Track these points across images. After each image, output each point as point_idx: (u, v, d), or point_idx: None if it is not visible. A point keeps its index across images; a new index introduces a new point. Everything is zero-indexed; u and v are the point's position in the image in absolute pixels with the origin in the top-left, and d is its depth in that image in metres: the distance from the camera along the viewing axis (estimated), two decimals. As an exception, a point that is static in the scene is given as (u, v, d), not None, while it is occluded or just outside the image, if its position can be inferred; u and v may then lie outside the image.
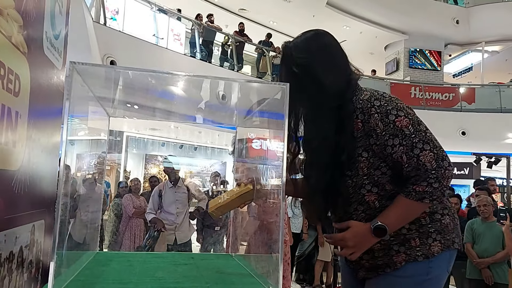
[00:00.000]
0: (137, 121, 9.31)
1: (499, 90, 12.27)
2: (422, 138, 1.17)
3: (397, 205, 1.20)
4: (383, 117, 1.19)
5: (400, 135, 1.18)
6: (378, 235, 1.20)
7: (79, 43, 5.31)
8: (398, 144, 1.18)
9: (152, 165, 12.61)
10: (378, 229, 1.19)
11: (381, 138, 1.20)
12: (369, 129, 1.21)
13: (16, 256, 1.16)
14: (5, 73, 1.00)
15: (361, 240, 1.22)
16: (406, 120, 1.19)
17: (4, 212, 1.04)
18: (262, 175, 1.49)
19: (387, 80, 13.52)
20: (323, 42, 1.33)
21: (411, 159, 1.16)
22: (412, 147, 1.17)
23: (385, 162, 1.23)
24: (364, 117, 1.21)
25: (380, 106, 1.20)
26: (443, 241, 1.25)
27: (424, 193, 1.16)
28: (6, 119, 1.02)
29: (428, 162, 1.15)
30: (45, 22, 1.30)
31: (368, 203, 1.25)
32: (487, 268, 3.94)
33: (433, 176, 1.15)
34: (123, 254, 1.88)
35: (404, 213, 1.20)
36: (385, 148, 1.20)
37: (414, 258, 1.22)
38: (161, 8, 9.32)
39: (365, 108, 1.21)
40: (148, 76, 1.28)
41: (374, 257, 1.26)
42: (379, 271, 1.27)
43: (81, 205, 1.44)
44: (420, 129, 1.19)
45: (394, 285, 1.25)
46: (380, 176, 1.24)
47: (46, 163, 1.38)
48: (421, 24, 13.77)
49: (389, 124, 1.19)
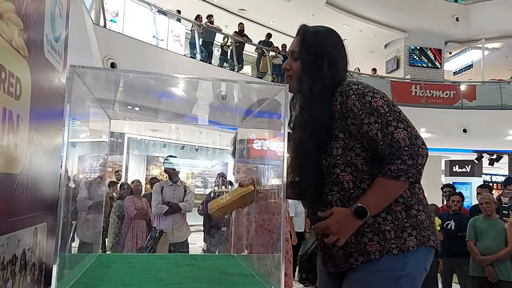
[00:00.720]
0: (138, 123, 9.32)
1: (499, 87, 12.24)
2: (396, 117, 1.24)
3: (375, 185, 1.24)
4: (360, 98, 1.27)
5: (375, 114, 1.24)
6: (359, 217, 1.22)
7: (79, 46, 5.32)
8: (374, 121, 1.24)
9: (153, 166, 12.62)
10: (359, 210, 1.21)
11: (358, 117, 1.26)
12: (347, 109, 1.27)
13: (19, 259, 1.16)
14: (6, 76, 1.00)
15: (344, 224, 1.24)
16: (381, 101, 1.26)
17: (6, 215, 1.04)
18: (263, 175, 1.50)
19: (387, 79, 13.50)
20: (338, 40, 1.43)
21: (386, 136, 1.22)
22: (387, 125, 1.23)
23: (360, 143, 1.28)
24: (342, 99, 1.28)
25: (358, 89, 1.29)
26: (419, 237, 1.26)
27: (399, 171, 1.20)
28: (8, 122, 1.03)
29: (401, 139, 1.21)
30: (45, 25, 1.30)
31: (342, 183, 1.29)
32: (490, 265, 3.94)
33: (407, 153, 1.19)
34: (126, 255, 1.89)
35: (383, 193, 1.24)
36: (362, 126, 1.25)
37: (389, 250, 1.24)
38: (160, 9, 9.32)
39: (343, 91, 1.29)
40: (148, 78, 1.29)
41: (347, 243, 1.27)
42: (352, 262, 1.28)
43: (83, 207, 1.44)
44: (394, 109, 1.26)
45: (369, 280, 1.26)
46: (354, 157, 1.28)
47: (48, 166, 1.38)
48: (420, 21, 13.76)
49: (366, 104, 1.26)
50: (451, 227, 4.60)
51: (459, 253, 4.37)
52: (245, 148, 1.98)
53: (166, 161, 5.18)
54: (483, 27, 13.76)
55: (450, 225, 4.63)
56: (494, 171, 14.03)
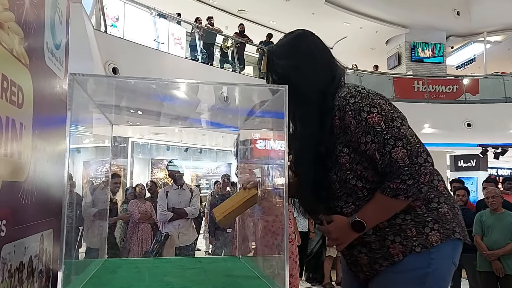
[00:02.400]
0: (141, 127, 9.35)
1: (503, 80, 12.17)
2: (394, 134, 1.16)
3: (374, 200, 1.21)
4: (356, 115, 1.20)
5: (372, 132, 1.18)
6: (357, 230, 1.21)
7: (80, 52, 5.34)
8: (371, 141, 1.18)
9: (158, 169, 12.66)
10: (357, 224, 1.20)
11: (355, 135, 1.21)
12: (345, 126, 1.22)
13: (26, 266, 1.17)
14: (8, 85, 1.01)
15: (343, 233, 1.23)
16: (378, 116, 1.19)
17: (12, 223, 1.05)
18: (266, 175, 1.50)
19: (389, 75, 13.46)
20: (303, 44, 1.35)
21: (384, 156, 1.16)
22: (384, 144, 1.16)
23: (364, 157, 1.23)
24: (340, 114, 1.23)
25: (354, 103, 1.21)
26: (442, 230, 1.22)
27: (398, 190, 1.15)
28: (11, 131, 1.03)
29: (400, 159, 1.14)
30: (45, 33, 1.31)
31: (356, 193, 1.25)
32: (498, 260, 3.92)
33: (407, 173, 1.13)
34: (131, 260, 1.89)
35: (381, 209, 1.20)
36: (359, 145, 1.21)
37: (411, 249, 1.20)
38: (160, 13, 9.34)
39: (341, 105, 1.23)
40: (149, 83, 1.29)
41: (371, 249, 1.25)
42: (377, 268, 1.26)
43: (88, 213, 1.45)
44: (393, 125, 1.18)
45: (395, 283, 1.23)
46: (363, 170, 1.24)
47: (52, 172, 1.39)
48: (421, 17, 13.70)
49: (361, 122, 1.19)
50: (458, 222, 4.58)
51: (466, 248, 4.33)
52: (247, 149, 1.98)
53: (170, 164, 5.19)
54: (484, 20, 13.68)
55: (456, 220, 4.61)
56: (500, 164, 13.96)
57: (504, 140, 10.94)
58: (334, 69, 1.34)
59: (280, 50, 1.38)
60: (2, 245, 0.99)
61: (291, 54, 1.34)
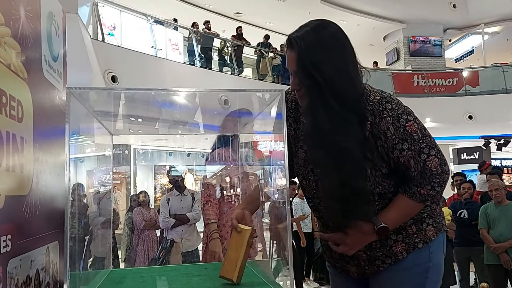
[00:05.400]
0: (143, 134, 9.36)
1: (502, 71, 12.15)
2: (428, 143, 1.20)
3: (399, 204, 1.23)
4: (395, 121, 1.19)
5: (409, 140, 1.19)
6: (380, 234, 1.22)
7: (79, 62, 5.36)
8: (407, 148, 1.19)
9: (161, 175, 12.66)
10: (382, 229, 1.20)
11: (390, 141, 1.20)
12: (378, 131, 1.19)
13: (33, 279, 1.17)
14: (7, 100, 1.01)
15: (361, 239, 1.23)
16: (415, 125, 1.21)
17: (17, 237, 1.05)
18: (268, 177, 1.49)
19: (388, 71, 13.45)
20: (335, 34, 1.22)
21: (418, 163, 1.19)
22: (419, 152, 1.19)
23: (386, 163, 1.23)
24: (375, 119, 1.19)
25: (392, 109, 1.20)
26: (435, 224, 1.29)
27: (428, 196, 1.21)
28: (12, 145, 1.04)
29: (434, 167, 1.19)
30: (42, 46, 1.31)
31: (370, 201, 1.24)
32: (505, 253, 3.90)
33: (437, 181, 1.19)
34: (137, 270, 1.89)
35: (405, 212, 1.24)
36: (393, 151, 1.20)
37: (414, 246, 1.25)
38: (157, 19, 9.37)
39: (376, 110, 1.19)
40: (147, 92, 1.30)
41: (371, 248, 1.26)
42: (379, 265, 1.27)
43: (96, 223, 1.45)
44: (426, 134, 1.22)
45: (401, 281, 1.25)
46: (380, 176, 1.24)
47: (55, 184, 1.39)
48: (418, 11, 13.70)
49: (400, 128, 1.19)
50: (464, 215, 4.56)
51: (474, 242, 4.33)
52: (249, 152, 1.98)
53: (169, 171, 5.20)
54: (481, 12, 13.66)
55: (463, 214, 4.59)
56: (503, 155, 13.91)
57: (506, 131, 10.91)
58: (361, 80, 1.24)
59: (313, 40, 1.18)
60: (8, 260, 1.00)
61: (327, 44, 1.18)
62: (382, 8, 13.55)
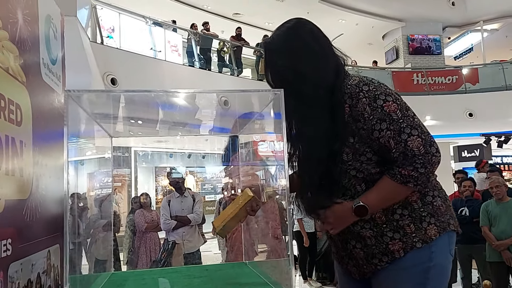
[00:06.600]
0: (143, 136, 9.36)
1: (502, 68, 12.14)
2: (410, 123, 1.17)
3: (381, 186, 1.20)
4: (371, 102, 1.18)
5: (387, 120, 1.17)
6: (359, 215, 1.20)
7: (78, 65, 5.36)
8: (386, 128, 1.17)
9: (162, 177, 12.66)
10: (360, 208, 1.19)
11: (368, 122, 1.18)
12: (357, 113, 1.19)
13: (35, 283, 1.17)
14: (5, 104, 1.01)
15: (341, 217, 1.23)
16: (394, 105, 1.18)
17: (17, 241, 1.05)
18: (266, 177, 1.49)
19: (388, 69, 13.44)
20: (303, 34, 1.29)
21: (399, 144, 1.16)
22: (399, 132, 1.16)
23: (370, 147, 1.22)
24: (352, 101, 1.20)
25: (369, 91, 1.20)
26: (438, 223, 1.23)
27: (409, 177, 1.16)
28: (11, 149, 1.03)
29: (415, 148, 1.15)
30: (40, 49, 1.31)
31: (355, 187, 1.25)
32: (507, 250, 3.89)
33: (420, 161, 1.15)
34: (138, 272, 1.88)
35: (387, 194, 1.20)
36: (373, 132, 1.19)
37: (412, 245, 1.21)
38: (156, 21, 9.38)
39: (353, 93, 1.20)
40: (146, 94, 1.29)
41: (366, 245, 1.25)
42: (376, 263, 1.25)
43: (97, 225, 1.44)
44: (408, 114, 1.18)
45: (398, 279, 1.22)
46: (366, 161, 1.23)
47: (55, 187, 1.39)
48: (416, 9, 13.69)
49: (377, 109, 1.18)
50: (465, 213, 4.55)
51: (476, 239, 4.32)
52: (249, 152, 1.98)
53: (172, 172, 5.21)
54: (480, 9, 13.65)
55: (464, 212, 4.58)
56: (504, 152, 13.90)
57: (507, 128, 10.90)
58: (336, 59, 1.30)
59: (280, 46, 1.29)
60: (9, 264, 0.99)
61: (290, 51, 1.26)
62: (381, 6, 13.54)
